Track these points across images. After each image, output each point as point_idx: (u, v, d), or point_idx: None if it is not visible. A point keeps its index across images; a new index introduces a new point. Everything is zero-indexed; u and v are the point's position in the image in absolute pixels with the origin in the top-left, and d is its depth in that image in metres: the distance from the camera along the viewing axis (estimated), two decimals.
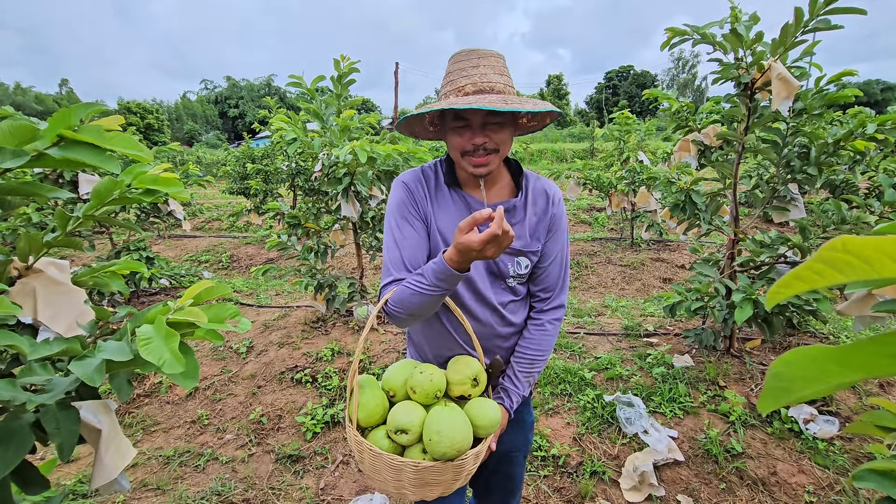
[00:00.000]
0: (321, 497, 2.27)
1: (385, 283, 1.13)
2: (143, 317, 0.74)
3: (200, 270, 6.40)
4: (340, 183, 2.85)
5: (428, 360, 1.29)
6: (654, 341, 3.17)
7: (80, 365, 0.70)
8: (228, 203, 11.57)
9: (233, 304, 0.77)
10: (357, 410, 1.05)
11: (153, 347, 0.65)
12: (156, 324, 0.69)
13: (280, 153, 7.59)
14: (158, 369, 0.65)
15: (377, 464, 1.01)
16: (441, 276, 1.01)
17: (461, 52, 1.12)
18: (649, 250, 6.08)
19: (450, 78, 1.10)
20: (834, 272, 0.23)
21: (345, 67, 2.82)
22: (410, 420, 1.04)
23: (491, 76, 1.07)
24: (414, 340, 1.33)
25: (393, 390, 1.12)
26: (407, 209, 1.17)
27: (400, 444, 1.07)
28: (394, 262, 1.14)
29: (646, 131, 6.46)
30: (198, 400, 3.06)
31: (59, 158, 0.76)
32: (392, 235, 1.17)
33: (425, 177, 1.21)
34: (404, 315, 1.08)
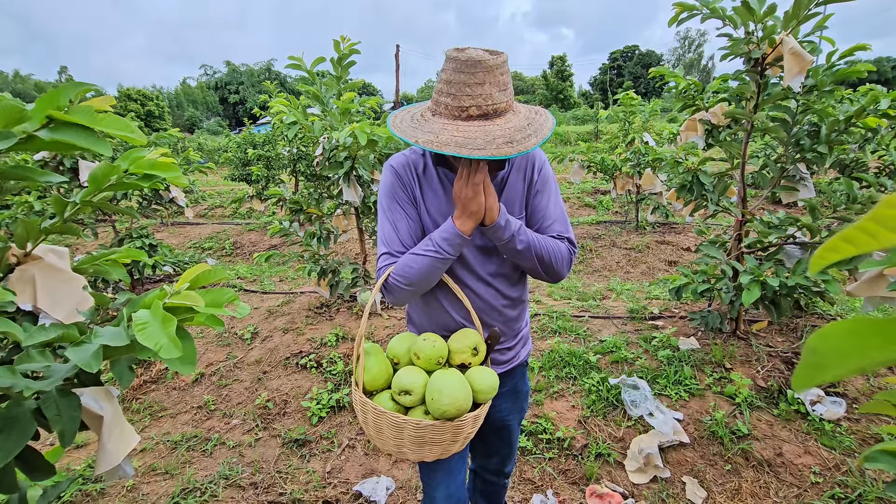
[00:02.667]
0: (327, 480, 2.29)
1: (382, 257, 1.18)
2: (140, 302, 0.73)
3: (204, 258, 6.41)
4: (342, 167, 2.81)
5: (423, 323, 1.35)
6: (660, 324, 3.15)
7: (77, 351, 0.69)
8: (231, 190, 11.54)
9: (231, 289, 0.75)
10: (363, 375, 1.13)
11: (150, 332, 0.64)
12: (152, 308, 0.67)
13: (281, 138, 7.53)
14: (155, 354, 0.63)
15: (380, 423, 1.08)
16: (445, 234, 1.09)
17: (466, 59, 1.01)
18: (654, 233, 6.03)
19: (451, 90, 1.02)
20: (888, 233, 0.21)
21: (345, 49, 2.76)
22: (413, 382, 1.10)
23: (495, 95, 1.03)
24: (414, 321, 1.36)
25: (397, 357, 1.19)
26: (397, 193, 1.19)
27: (404, 406, 1.14)
28: (389, 240, 1.18)
29: (651, 112, 6.36)
30: (204, 386, 3.08)
31: (48, 140, 0.73)
32: (386, 217, 1.20)
33: (413, 160, 1.22)
34: (405, 286, 1.12)
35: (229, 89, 60.54)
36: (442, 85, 1.04)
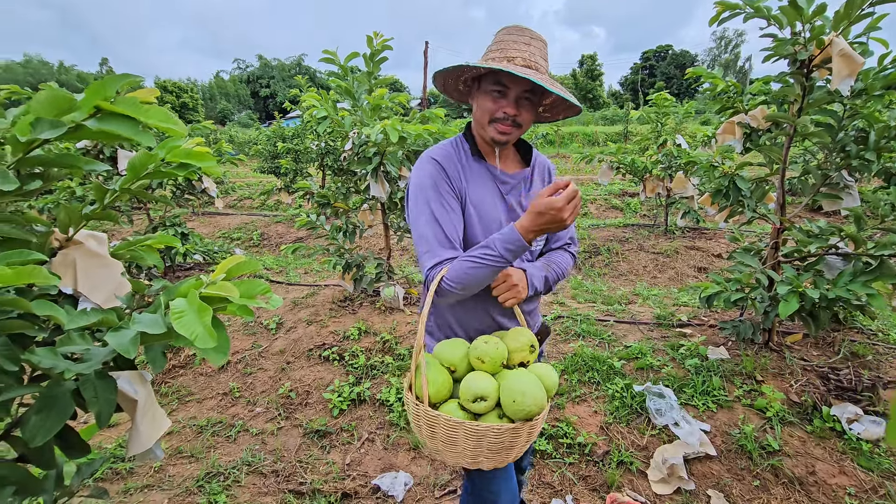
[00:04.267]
0: (347, 472, 2.31)
1: (428, 256, 1.14)
2: (176, 290, 0.74)
3: (232, 247, 6.55)
4: (370, 163, 2.83)
5: (467, 331, 1.31)
6: (688, 332, 3.07)
7: (116, 336, 0.70)
8: (259, 182, 11.77)
9: (264, 281, 0.76)
10: (427, 387, 1.08)
11: (186, 321, 0.65)
12: (189, 298, 0.68)
13: (310, 132, 7.63)
14: (191, 343, 0.64)
15: (455, 434, 1.03)
16: (510, 245, 1.07)
17: (514, 26, 1.16)
18: (684, 238, 5.88)
19: (500, 46, 1.13)
20: None
21: (377, 44, 2.77)
22: (486, 387, 1.07)
23: (537, 58, 1.13)
24: (443, 321, 1.32)
25: (453, 365, 1.15)
26: (442, 186, 1.17)
27: (475, 413, 1.10)
28: (439, 240, 1.14)
29: (684, 114, 6.19)
30: (230, 373, 3.15)
31: (95, 130, 0.75)
32: (430, 213, 1.15)
33: (455, 152, 1.23)
34: (458, 290, 1.11)
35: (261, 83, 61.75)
36: (492, 45, 1.15)
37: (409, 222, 1.21)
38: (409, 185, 1.21)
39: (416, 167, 1.21)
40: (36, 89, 3.64)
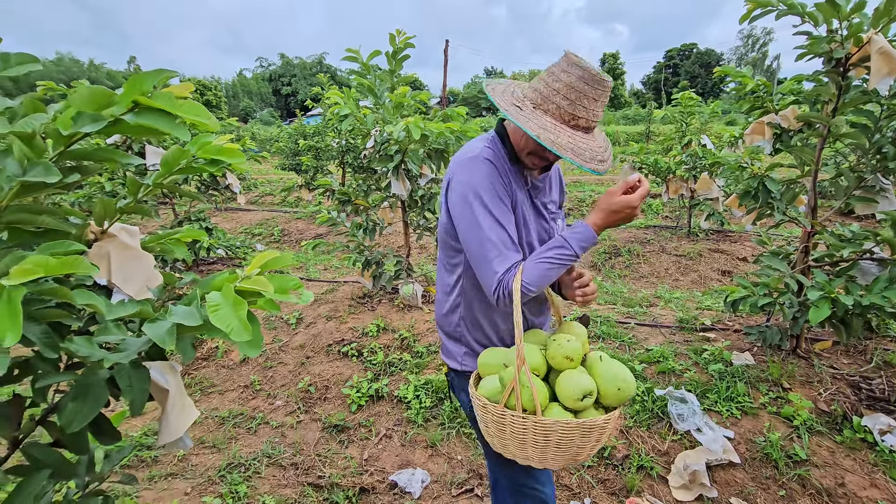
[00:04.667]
0: (364, 467, 2.33)
1: (500, 261, 1.09)
2: (210, 283, 0.75)
3: (254, 243, 6.66)
4: (391, 160, 2.84)
5: (495, 342, 1.29)
6: (712, 336, 3.00)
7: (153, 327, 0.72)
8: (280, 178, 11.93)
9: (295, 276, 0.77)
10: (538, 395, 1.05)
11: (222, 314, 0.66)
12: (224, 291, 0.69)
13: (331, 130, 7.70)
14: (226, 336, 0.65)
15: (568, 438, 1.02)
16: (585, 244, 1.10)
17: (595, 74, 1.05)
18: (707, 240, 5.76)
19: (570, 96, 1.05)
20: None
21: (400, 42, 2.77)
22: (589, 382, 1.08)
23: (599, 114, 1.11)
24: (474, 325, 1.26)
25: (538, 370, 1.13)
26: (499, 187, 1.14)
27: (574, 411, 1.10)
28: (505, 243, 1.11)
29: (710, 114, 6.05)
30: (251, 366, 3.20)
31: (133, 124, 0.77)
32: (493, 216, 1.11)
33: (500, 154, 1.22)
34: (535, 292, 1.10)
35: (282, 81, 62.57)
36: (561, 86, 1.06)
37: (460, 224, 1.14)
38: (459, 187, 1.13)
39: (466, 168, 1.14)
40: (69, 86, 3.74)
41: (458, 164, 1.18)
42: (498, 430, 1.08)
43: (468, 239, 1.13)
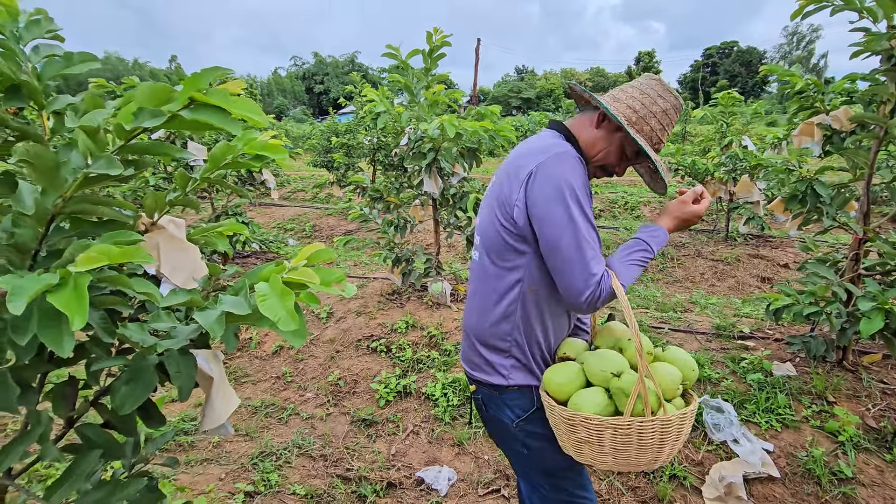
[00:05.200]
0: (392, 462, 2.35)
1: (596, 263, 1.06)
2: (258, 274, 0.77)
3: (286, 238, 6.81)
4: (425, 158, 2.85)
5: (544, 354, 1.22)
6: (750, 345, 2.90)
7: (203, 315, 0.74)
8: (312, 175, 12.15)
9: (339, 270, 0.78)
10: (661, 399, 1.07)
11: (270, 304, 0.67)
12: (271, 282, 0.71)
13: (363, 128, 7.80)
14: (274, 326, 0.67)
15: (680, 429, 1.05)
16: (660, 247, 1.16)
17: (681, 104, 1.19)
18: (746, 245, 5.55)
19: (663, 121, 1.16)
20: None
21: (437, 41, 2.78)
22: (677, 371, 1.13)
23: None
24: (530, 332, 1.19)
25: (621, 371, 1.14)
26: (588, 187, 1.13)
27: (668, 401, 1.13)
28: (597, 244, 1.09)
29: (752, 114, 5.83)
30: (282, 358, 3.28)
31: (189, 120, 0.79)
32: (588, 216, 1.08)
33: None
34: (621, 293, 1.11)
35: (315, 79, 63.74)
36: (658, 110, 1.15)
37: (548, 220, 1.06)
38: (551, 180, 1.06)
39: (558, 162, 1.08)
40: (118, 83, 3.90)
41: (546, 157, 1.09)
42: (624, 443, 1.03)
43: (559, 236, 1.04)
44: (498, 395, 1.21)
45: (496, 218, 1.15)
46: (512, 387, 1.19)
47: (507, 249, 1.14)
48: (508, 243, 1.14)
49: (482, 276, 1.22)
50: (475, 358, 1.25)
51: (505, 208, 1.13)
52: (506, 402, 1.21)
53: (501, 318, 1.17)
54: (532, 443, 1.22)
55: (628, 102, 1.14)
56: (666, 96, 1.15)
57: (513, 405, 1.20)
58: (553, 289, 1.15)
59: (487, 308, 1.20)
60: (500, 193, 1.16)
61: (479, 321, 1.22)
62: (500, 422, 1.24)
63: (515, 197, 1.10)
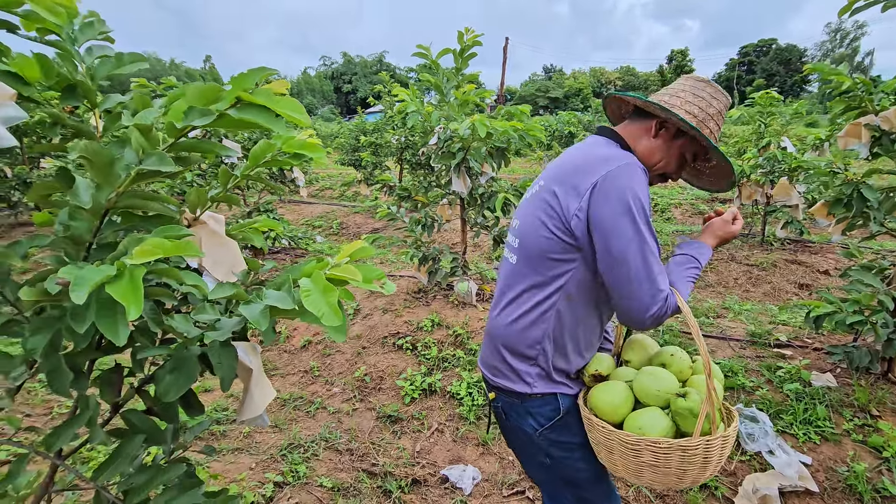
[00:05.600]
0: (416, 459, 2.37)
1: (662, 279, 1.05)
2: (300, 270, 0.79)
3: (314, 235, 6.93)
4: (454, 157, 2.85)
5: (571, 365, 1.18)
6: (787, 353, 2.80)
7: (248, 308, 0.76)
8: (339, 173, 12.32)
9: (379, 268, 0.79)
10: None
11: (313, 300, 0.69)
12: (314, 278, 0.73)
13: (391, 127, 7.86)
14: (317, 320, 0.68)
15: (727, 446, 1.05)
16: (707, 261, 1.18)
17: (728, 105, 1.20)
18: (783, 250, 5.36)
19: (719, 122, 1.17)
20: None
21: (468, 40, 2.78)
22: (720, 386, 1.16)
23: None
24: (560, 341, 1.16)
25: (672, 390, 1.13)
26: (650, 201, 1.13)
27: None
28: (658, 258, 1.07)
29: (793, 114, 5.61)
30: (311, 352, 3.34)
31: (237, 119, 0.82)
32: (650, 228, 1.04)
33: None
34: None
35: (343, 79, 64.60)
36: (714, 111, 1.16)
37: (616, 232, 1.02)
38: (620, 192, 1.03)
39: (627, 173, 1.05)
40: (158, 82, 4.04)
41: (612, 168, 1.05)
42: (691, 463, 1.02)
43: (626, 250, 1.01)
44: (520, 403, 1.18)
45: (545, 226, 1.11)
46: (535, 395, 1.16)
47: (553, 258, 1.11)
48: (556, 252, 1.10)
49: (516, 280, 1.18)
50: (498, 364, 1.21)
51: (560, 218, 1.08)
52: (528, 411, 1.17)
53: (533, 324, 1.14)
54: (555, 452, 1.18)
55: (686, 108, 1.12)
56: (718, 97, 1.16)
57: (536, 413, 1.17)
58: (591, 300, 1.13)
59: (519, 313, 1.16)
60: (553, 202, 1.11)
61: (508, 326, 1.18)
62: (521, 431, 1.20)
63: (576, 207, 1.06)
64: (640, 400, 1.12)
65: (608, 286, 1.07)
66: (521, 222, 1.20)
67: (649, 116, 1.17)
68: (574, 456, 1.18)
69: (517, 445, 1.29)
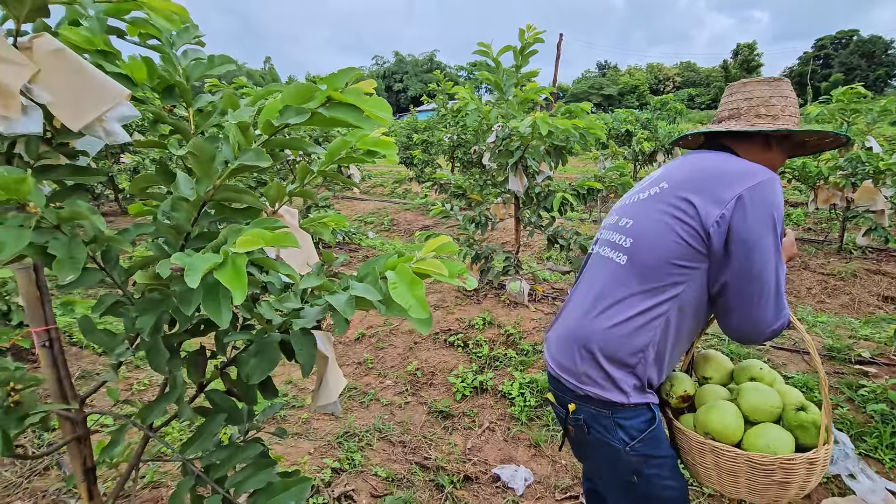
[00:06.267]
0: (467, 456, 2.38)
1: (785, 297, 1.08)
2: (383, 263, 0.81)
3: (366, 231, 7.11)
4: (511, 156, 2.83)
5: (662, 377, 1.16)
6: (871, 371, 2.58)
7: (335, 298, 0.80)
8: (390, 171, 12.55)
9: (461, 263, 0.80)
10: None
11: (401, 292, 0.71)
12: (399, 270, 0.75)
13: (443, 125, 7.92)
14: (405, 312, 0.70)
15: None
16: None
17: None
18: (865, 259, 4.94)
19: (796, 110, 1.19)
20: None
21: (529, 37, 2.75)
22: None
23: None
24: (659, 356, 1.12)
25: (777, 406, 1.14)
26: None
27: None
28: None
29: (881, 112, 5.15)
30: (364, 345, 3.43)
31: (328, 117, 0.86)
32: (777, 248, 1.05)
33: None
34: None
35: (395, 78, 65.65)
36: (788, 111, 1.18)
37: (757, 248, 1.02)
38: (766, 208, 1.03)
39: (771, 188, 1.05)
40: (230, 83, 4.27)
41: (757, 181, 1.04)
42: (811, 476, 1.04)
43: (764, 265, 1.02)
44: (609, 414, 1.11)
45: (674, 231, 1.07)
46: (629, 405, 1.09)
47: (678, 264, 1.07)
48: (683, 259, 1.07)
49: (622, 282, 1.13)
50: (589, 370, 1.12)
51: (696, 226, 1.05)
52: (619, 423, 1.10)
53: (638, 331, 1.08)
54: (646, 469, 1.11)
55: (790, 112, 1.18)
56: (791, 94, 1.20)
57: (628, 426, 1.10)
58: (698, 314, 1.13)
59: (624, 317, 1.10)
60: (687, 208, 1.08)
61: (608, 330, 1.11)
62: (605, 446, 1.13)
63: (717, 215, 1.03)
64: (750, 417, 1.11)
65: (727, 300, 1.07)
66: (636, 222, 1.16)
67: (743, 136, 1.21)
68: (664, 473, 1.11)
69: (599, 463, 1.21)
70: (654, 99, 12.52)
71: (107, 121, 0.92)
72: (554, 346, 1.24)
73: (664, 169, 1.24)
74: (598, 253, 1.25)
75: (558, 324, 1.27)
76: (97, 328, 1.08)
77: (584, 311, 1.17)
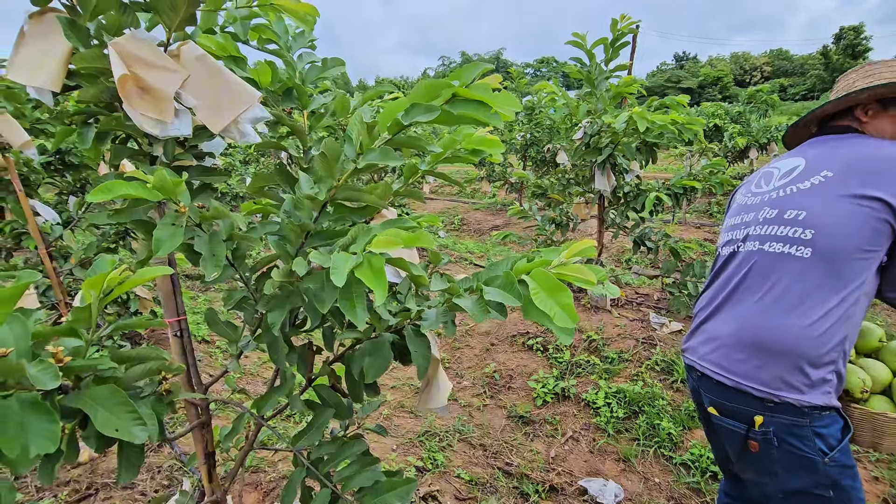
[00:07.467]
0: (551, 465, 2.30)
1: None
2: (515, 266, 0.77)
3: (437, 230, 7.16)
4: (599, 153, 2.70)
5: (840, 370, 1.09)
6: None
7: (464, 301, 0.77)
8: (458, 170, 12.59)
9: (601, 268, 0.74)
10: None
11: (542, 299, 0.66)
12: (536, 275, 0.70)
13: (515, 123, 7.80)
14: (546, 319, 0.66)
15: None
16: None
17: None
18: None
19: None
20: None
21: (622, 28, 2.60)
22: None
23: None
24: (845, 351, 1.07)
25: None
26: None
27: None
28: None
29: None
30: (440, 344, 3.44)
31: (457, 115, 0.83)
32: None
33: None
34: None
35: None
36: None
37: None
38: None
39: None
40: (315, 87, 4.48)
41: None
42: None
43: None
44: (808, 423, 1.02)
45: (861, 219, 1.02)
46: (829, 408, 1.02)
47: (867, 249, 1.02)
48: (873, 245, 1.02)
49: (808, 277, 1.05)
50: (787, 374, 1.03)
51: (887, 210, 1.01)
52: (817, 431, 1.02)
53: (833, 327, 1.02)
54: (844, 481, 1.03)
55: None
56: None
57: (826, 434, 1.02)
58: (869, 299, 1.08)
59: (819, 314, 1.03)
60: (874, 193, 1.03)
61: (805, 329, 1.03)
62: (801, 458, 1.04)
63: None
64: None
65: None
66: (810, 213, 1.08)
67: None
68: (857, 485, 1.05)
69: (789, 477, 1.08)
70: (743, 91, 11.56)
71: (241, 122, 0.96)
72: (718, 353, 1.15)
73: (806, 158, 1.19)
74: (760, 249, 1.14)
75: (719, 329, 1.17)
76: (220, 321, 1.14)
77: (764, 312, 1.09)
